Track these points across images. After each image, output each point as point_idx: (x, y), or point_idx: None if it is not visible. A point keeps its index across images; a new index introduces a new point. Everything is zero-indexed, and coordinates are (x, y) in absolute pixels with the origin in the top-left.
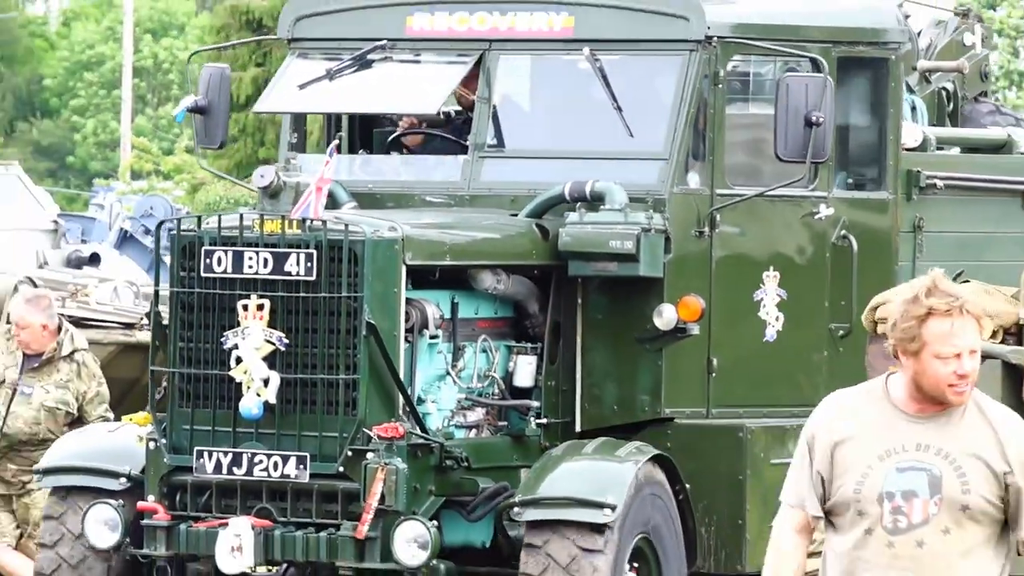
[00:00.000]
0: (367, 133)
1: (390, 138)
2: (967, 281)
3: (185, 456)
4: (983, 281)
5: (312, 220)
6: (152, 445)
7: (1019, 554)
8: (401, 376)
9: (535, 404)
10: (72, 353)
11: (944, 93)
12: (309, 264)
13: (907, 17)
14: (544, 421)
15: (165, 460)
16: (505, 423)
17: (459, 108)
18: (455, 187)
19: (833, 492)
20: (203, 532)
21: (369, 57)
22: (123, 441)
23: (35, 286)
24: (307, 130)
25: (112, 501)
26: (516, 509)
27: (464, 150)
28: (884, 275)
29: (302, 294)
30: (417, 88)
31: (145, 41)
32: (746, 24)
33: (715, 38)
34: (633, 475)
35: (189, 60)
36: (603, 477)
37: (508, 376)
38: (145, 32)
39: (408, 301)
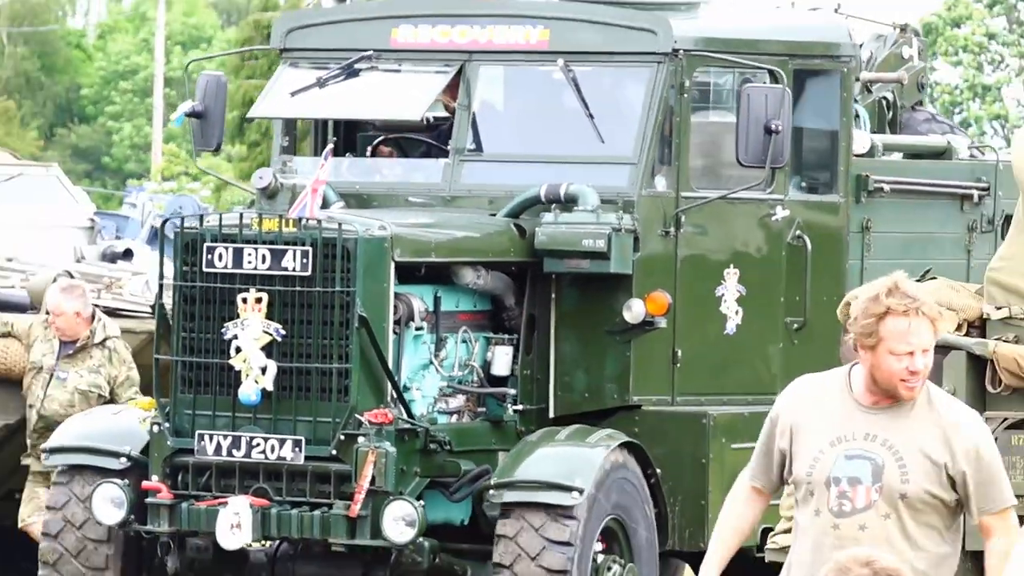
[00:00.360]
0: (352, 138)
1: (376, 141)
2: (934, 278)
3: (187, 439)
4: (918, 274)
5: (308, 219)
6: (156, 428)
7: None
8: (390, 365)
9: (512, 391)
10: (104, 340)
11: (884, 102)
12: (305, 260)
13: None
14: (520, 407)
15: (168, 443)
16: (484, 409)
17: (441, 115)
18: (437, 189)
19: (792, 470)
20: (204, 510)
21: (356, 66)
22: (126, 423)
23: (72, 279)
24: (297, 135)
25: (118, 480)
26: (492, 491)
27: (445, 154)
28: (835, 273)
29: (298, 288)
30: (402, 95)
31: (176, 53)
32: (709, 38)
33: (681, 51)
34: (602, 460)
35: (187, 68)
36: (574, 462)
37: (486, 365)
38: (176, 44)
39: (395, 295)
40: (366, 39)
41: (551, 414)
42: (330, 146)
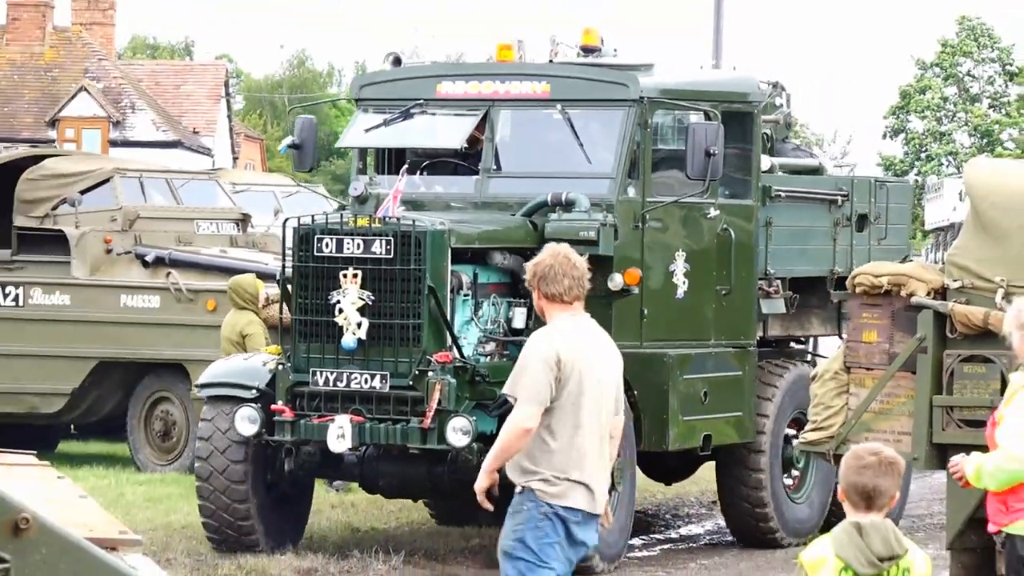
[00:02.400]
0: (403, 161)
1: (424, 164)
2: (911, 260)
3: (303, 375)
4: (806, 258)
5: (390, 217)
6: (280, 367)
7: None
8: (448, 321)
9: (527, 339)
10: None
11: (765, 135)
12: (389, 246)
13: None
14: None
15: (290, 377)
16: (508, 352)
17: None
18: (471, 197)
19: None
20: (316, 425)
21: (411, 111)
22: (254, 365)
23: None
24: (367, 159)
25: (254, 404)
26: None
27: (473, 172)
28: (749, 255)
29: (383, 267)
30: (445, 131)
31: None
32: (664, 89)
33: (645, 98)
34: None
35: (289, 112)
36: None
37: (509, 321)
38: None
39: (451, 271)
40: (418, 91)
41: None
42: (405, 167)
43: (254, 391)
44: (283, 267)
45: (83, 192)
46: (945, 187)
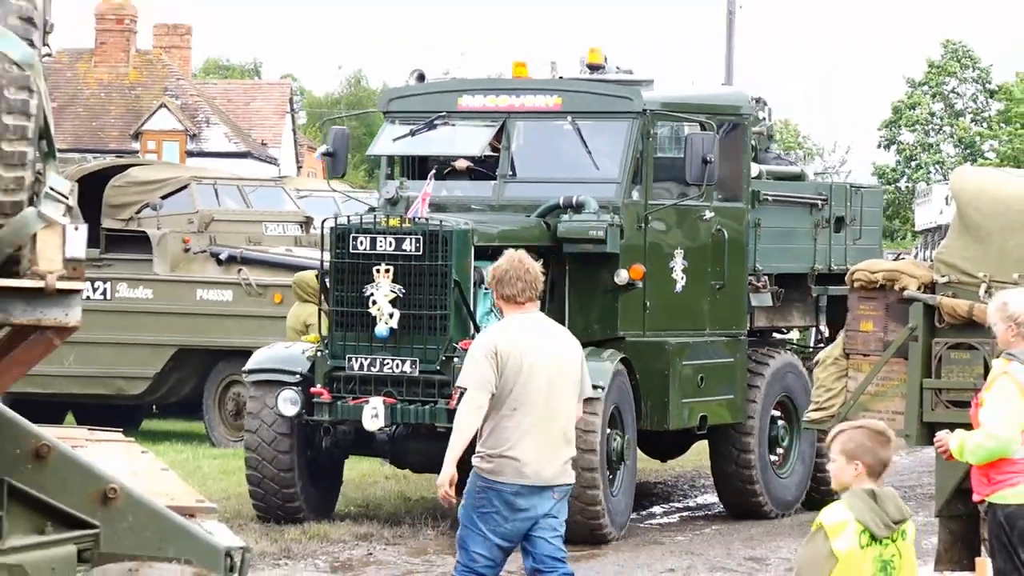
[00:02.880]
0: (425, 167)
1: (446, 170)
2: (904, 258)
3: (340, 360)
4: (790, 256)
5: (420, 217)
6: (319, 354)
7: None
8: (472, 311)
9: None
10: None
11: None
12: (418, 244)
13: None
14: None
15: (328, 363)
16: None
17: (489, 154)
18: (489, 200)
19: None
20: (351, 406)
21: (435, 122)
22: (294, 353)
23: None
24: (394, 166)
25: (296, 387)
26: None
27: (490, 178)
28: (740, 253)
29: (413, 263)
30: (466, 141)
31: None
32: (665, 102)
33: (648, 110)
34: (612, 368)
35: (322, 124)
36: (595, 370)
37: None
38: None
39: (474, 267)
40: (441, 104)
41: None
42: (432, 171)
43: (296, 375)
44: (321, 263)
45: (163, 197)
46: (933, 193)
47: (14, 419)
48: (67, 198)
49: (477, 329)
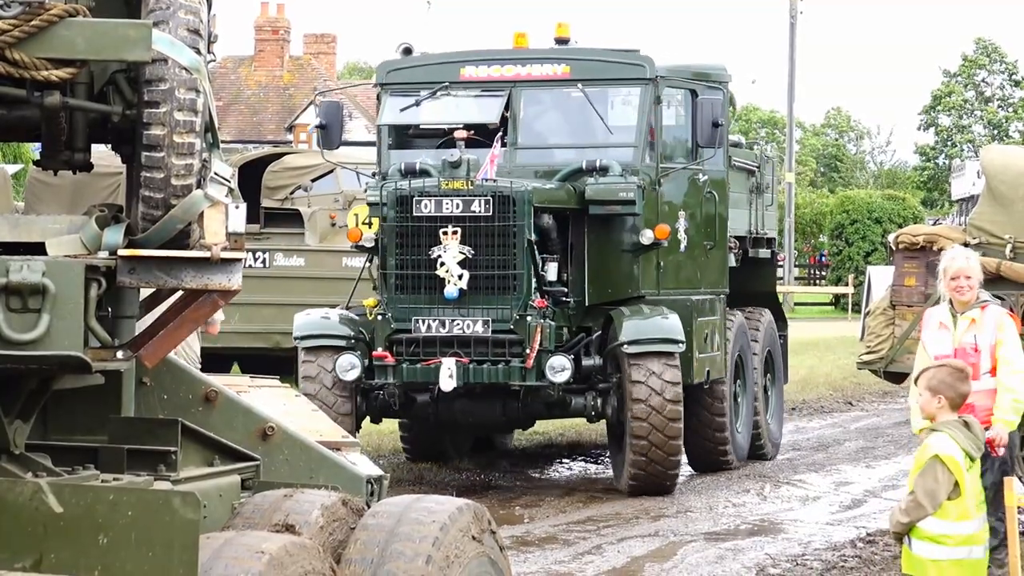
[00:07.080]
0: (419, 139)
1: (442, 140)
2: (941, 223)
3: (402, 323)
4: (741, 219)
5: (487, 179)
6: (379, 317)
7: None
8: (540, 271)
9: (564, 289)
10: None
11: None
12: (487, 206)
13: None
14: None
15: (391, 326)
16: (546, 301)
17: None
18: (501, 167)
19: None
20: (420, 368)
21: (438, 93)
22: (335, 320)
23: None
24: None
25: (355, 351)
26: (625, 347)
27: (490, 146)
28: (724, 216)
29: (483, 224)
30: (480, 109)
31: None
32: (675, 68)
33: (659, 77)
34: (678, 324)
35: (314, 97)
36: (666, 326)
37: (545, 273)
38: None
39: None
40: (442, 75)
41: (586, 303)
42: (499, 135)
43: (350, 340)
44: (380, 228)
45: (313, 180)
46: (967, 167)
47: (187, 369)
48: (228, 182)
49: (542, 288)
